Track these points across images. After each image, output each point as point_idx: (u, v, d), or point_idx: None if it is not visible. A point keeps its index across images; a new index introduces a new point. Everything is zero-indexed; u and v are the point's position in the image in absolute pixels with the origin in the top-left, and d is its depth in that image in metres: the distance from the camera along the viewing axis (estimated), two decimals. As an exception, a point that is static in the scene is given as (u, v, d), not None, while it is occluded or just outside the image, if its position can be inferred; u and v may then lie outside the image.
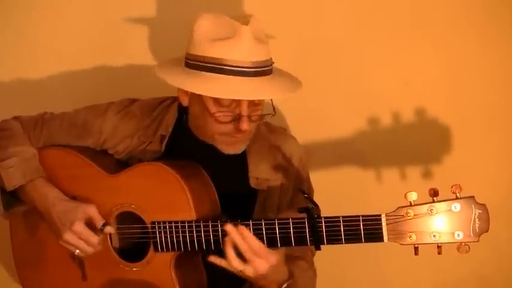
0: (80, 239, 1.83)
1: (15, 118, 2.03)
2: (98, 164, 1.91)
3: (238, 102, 1.78)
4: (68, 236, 1.83)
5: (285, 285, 1.77)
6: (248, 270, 1.70)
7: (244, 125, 1.78)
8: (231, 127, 1.80)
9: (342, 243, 1.66)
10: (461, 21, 2.22)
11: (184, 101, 1.89)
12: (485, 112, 2.24)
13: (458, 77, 2.25)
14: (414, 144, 2.25)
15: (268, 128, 2.00)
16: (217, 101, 1.78)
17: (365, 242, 1.64)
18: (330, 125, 2.31)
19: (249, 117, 1.79)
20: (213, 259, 1.73)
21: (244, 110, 1.78)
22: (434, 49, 2.25)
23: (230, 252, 1.70)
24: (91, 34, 2.37)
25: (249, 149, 1.93)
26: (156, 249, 1.81)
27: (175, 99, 1.98)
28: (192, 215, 1.78)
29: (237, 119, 1.78)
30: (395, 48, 2.26)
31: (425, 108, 2.21)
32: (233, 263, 1.70)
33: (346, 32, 2.28)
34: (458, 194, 1.58)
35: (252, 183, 1.92)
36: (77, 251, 1.84)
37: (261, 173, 1.93)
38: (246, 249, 1.69)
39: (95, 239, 1.83)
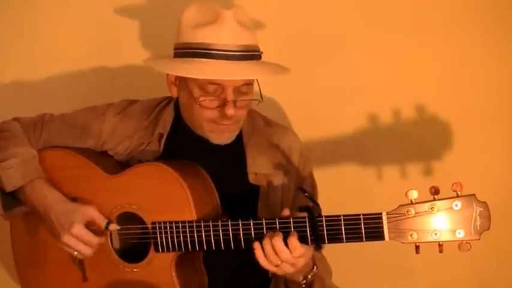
0: (80, 241, 1.82)
1: (15, 119, 2.03)
2: (98, 164, 1.91)
3: (223, 88, 1.78)
4: (67, 238, 1.82)
5: (310, 275, 1.76)
6: (285, 266, 1.68)
7: (230, 111, 1.77)
8: (217, 113, 1.81)
9: (343, 242, 1.65)
10: (463, 19, 2.23)
11: (173, 92, 1.90)
12: (487, 110, 2.25)
13: (459, 75, 2.26)
14: (415, 143, 2.26)
15: (267, 122, 2.00)
16: (202, 87, 1.79)
17: (366, 240, 1.64)
18: (330, 124, 2.31)
19: (234, 103, 1.79)
20: (256, 246, 1.68)
21: (230, 95, 1.78)
22: (436, 46, 2.25)
23: (269, 249, 1.66)
24: (90, 34, 2.38)
25: (247, 143, 1.93)
26: (156, 250, 1.80)
27: (172, 98, 1.98)
28: (192, 215, 1.77)
29: (223, 104, 1.78)
30: (397, 46, 2.27)
31: (426, 106, 2.22)
32: (271, 258, 1.67)
33: (347, 30, 2.28)
34: (459, 192, 1.58)
35: (251, 178, 1.92)
36: (75, 252, 1.84)
37: (260, 168, 1.92)
38: (288, 256, 1.66)
39: (94, 240, 1.83)
